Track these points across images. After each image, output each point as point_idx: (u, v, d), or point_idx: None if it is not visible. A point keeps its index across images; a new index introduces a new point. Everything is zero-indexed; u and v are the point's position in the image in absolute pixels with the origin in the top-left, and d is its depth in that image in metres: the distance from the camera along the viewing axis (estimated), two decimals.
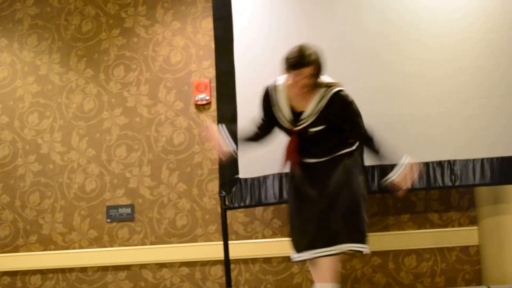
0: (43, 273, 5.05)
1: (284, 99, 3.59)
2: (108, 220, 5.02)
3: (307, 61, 3.40)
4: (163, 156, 5.03)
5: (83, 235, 5.03)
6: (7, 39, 5.25)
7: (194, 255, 4.94)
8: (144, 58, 5.12)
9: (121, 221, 5.01)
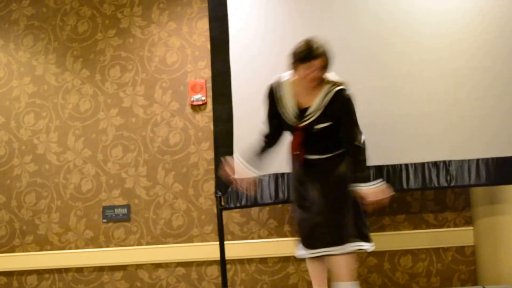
0: (40, 273, 5.05)
1: (289, 95, 3.59)
2: (104, 221, 5.02)
3: (316, 53, 3.42)
4: (159, 157, 5.03)
5: (79, 235, 5.03)
6: (3, 40, 5.25)
7: (190, 255, 4.94)
8: (140, 59, 5.12)
9: (117, 222, 5.01)
